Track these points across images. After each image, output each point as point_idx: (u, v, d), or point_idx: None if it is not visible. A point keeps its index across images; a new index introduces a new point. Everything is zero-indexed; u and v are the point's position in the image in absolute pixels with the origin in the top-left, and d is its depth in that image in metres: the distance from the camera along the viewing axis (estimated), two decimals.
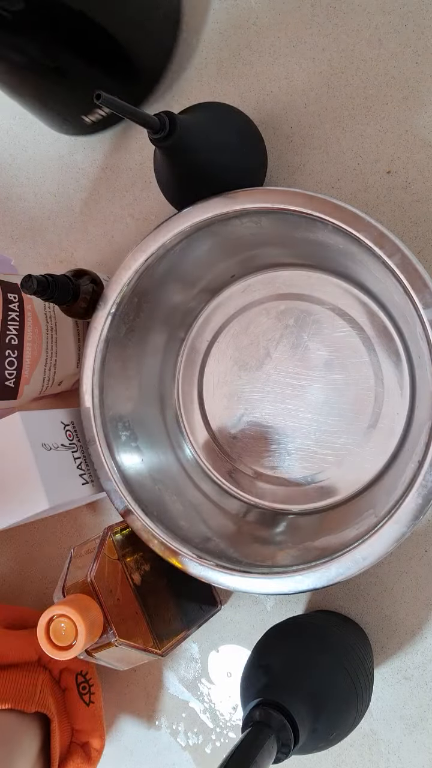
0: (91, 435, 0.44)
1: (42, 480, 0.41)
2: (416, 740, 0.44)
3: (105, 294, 0.45)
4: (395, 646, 0.45)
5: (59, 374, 0.47)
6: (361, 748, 0.46)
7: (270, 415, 0.48)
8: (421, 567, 0.44)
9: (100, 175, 0.54)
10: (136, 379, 0.48)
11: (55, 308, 0.46)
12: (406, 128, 0.45)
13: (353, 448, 0.45)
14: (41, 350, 0.45)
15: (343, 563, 0.37)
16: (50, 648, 0.37)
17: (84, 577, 0.40)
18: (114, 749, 0.53)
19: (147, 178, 0.53)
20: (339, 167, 0.47)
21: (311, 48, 0.47)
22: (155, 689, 0.52)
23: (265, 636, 0.41)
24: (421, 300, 0.35)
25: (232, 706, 0.50)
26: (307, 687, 0.35)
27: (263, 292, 0.48)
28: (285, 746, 0.30)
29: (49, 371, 0.46)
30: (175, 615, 0.45)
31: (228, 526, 0.47)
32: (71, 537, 0.55)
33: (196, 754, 0.51)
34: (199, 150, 0.39)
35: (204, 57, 0.51)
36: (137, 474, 0.45)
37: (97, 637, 0.39)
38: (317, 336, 0.46)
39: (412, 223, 0.45)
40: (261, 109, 0.49)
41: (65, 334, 0.48)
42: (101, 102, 0.31)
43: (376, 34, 0.46)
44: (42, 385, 0.46)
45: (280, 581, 0.38)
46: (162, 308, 0.48)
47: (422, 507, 0.35)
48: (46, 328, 0.45)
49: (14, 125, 0.57)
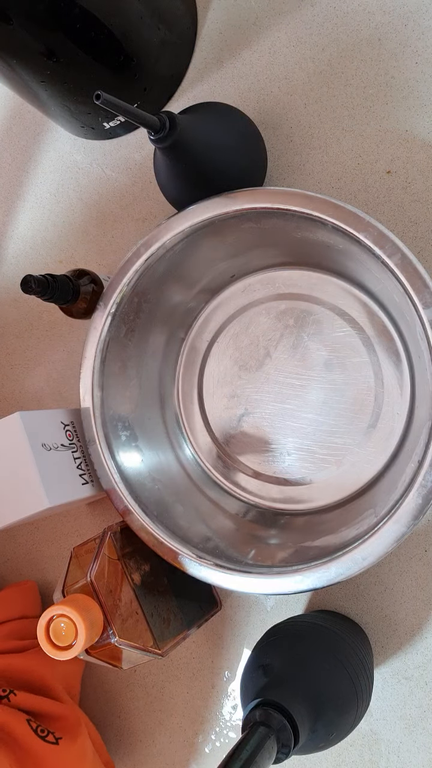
0: (91, 435, 0.44)
1: (42, 480, 0.41)
2: (416, 740, 0.44)
3: (105, 294, 0.45)
4: (395, 646, 0.45)
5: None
6: (361, 748, 0.46)
7: (270, 415, 0.48)
8: (421, 567, 0.44)
9: (100, 175, 0.54)
10: (136, 379, 0.48)
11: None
12: (406, 128, 0.45)
13: (353, 448, 0.45)
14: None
15: (343, 563, 0.37)
16: (50, 648, 0.37)
17: (84, 577, 0.40)
18: (114, 749, 0.53)
19: (147, 178, 0.53)
20: (339, 167, 0.47)
21: (311, 48, 0.47)
22: (155, 689, 0.52)
23: (265, 636, 0.41)
24: (420, 300, 0.35)
25: (232, 706, 0.50)
26: (307, 687, 0.35)
27: (263, 292, 0.48)
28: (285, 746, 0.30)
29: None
30: (175, 615, 0.45)
31: (228, 526, 0.47)
32: (71, 537, 0.55)
33: (195, 753, 0.51)
34: (199, 150, 0.39)
35: (204, 57, 0.51)
36: (137, 474, 0.45)
37: (97, 637, 0.39)
38: (317, 336, 0.46)
39: (412, 223, 0.45)
40: (261, 109, 0.49)
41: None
42: (101, 102, 0.31)
43: (376, 34, 0.46)
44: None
45: (280, 581, 0.38)
46: (162, 308, 0.48)
47: (422, 507, 0.35)
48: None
49: (14, 125, 0.57)
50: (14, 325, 0.57)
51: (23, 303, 0.57)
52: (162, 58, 0.48)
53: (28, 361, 0.57)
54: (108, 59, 0.45)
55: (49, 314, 0.56)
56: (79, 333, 0.55)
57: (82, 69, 0.45)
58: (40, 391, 0.56)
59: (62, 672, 0.48)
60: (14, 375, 0.57)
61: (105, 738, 0.53)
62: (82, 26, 0.42)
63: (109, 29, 0.43)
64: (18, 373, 0.57)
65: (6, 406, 0.58)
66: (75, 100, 0.48)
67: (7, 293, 0.58)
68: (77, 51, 0.43)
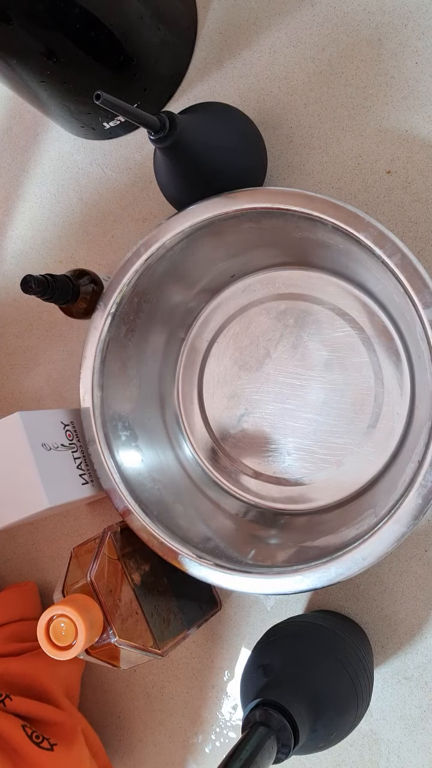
0: (91, 435, 0.44)
1: (42, 480, 0.41)
2: (416, 740, 0.44)
3: (105, 294, 0.45)
4: (395, 646, 0.45)
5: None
6: (361, 748, 0.46)
7: (270, 415, 0.48)
8: (421, 567, 0.44)
9: (100, 175, 0.54)
10: (136, 379, 0.48)
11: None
12: (406, 128, 0.45)
13: (353, 448, 0.45)
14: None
15: (343, 563, 0.37)
16: (50, 648, 0.37)
17: (84, 577, 0.40)
18: (114, 749, 0.53)
19: (147, 178, 0.53)
20: (339, 167, 0.47)
21: (311, 48, 0.47)
22: (155, 689, 0.52)
23: (265, 636, 0.41)
24: (420, 300, 0.35)
25: (232, 706, 0.50)
26: (307, 687, 0.35)
27: (263, 292, 0.48)
28: (285, 746, 0.30)
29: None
30: (175, 615, 0.45)
31: (228, 526, 0.47)
32: (71, 537, 0.55)
33: (195, 753, 0.51)
34: (199, 150, 0.39)
35: (204, 57, 0.51)
36: (137, 474, 0.45)
37: (97, 637, 0.39)
38: (317, 336, 0.46)
39: (412, 223, 0.45)
40: (261, 109, 0.49)
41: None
42: (101, 102, 0.31)
43: (376, 34, 0.46)
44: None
45: (280, 581, 0.38)
46: (162, 308, 0.48)
47: (422, 507, 0.35)
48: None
49: (14, 125, 0.57)
50: (14, 325, 0.57)
51: (23, 303, 0.57)
52: (162, 58, 0.48)
53: (28, 361, 0.57)
54: (108, 59, 0.45)
55: (49, 314, 0.56)
56: (79, 333, 0.55)
57: (82, 69, 0.45)
58: (40, 391, 0.56)
59: (62, 675, 0.48)
60: (14, 375, 0.57)
61: (105, 738, 0.53)
62: (82, 26, 0.42)
63: (109, 29, 0.43)
64: (18, 373, 0.57)
65: (6, 406, 0.58)
66: (75, 100, 0.48)
67: (7, 293, 0.58)
68: (77, 51, 0.43)
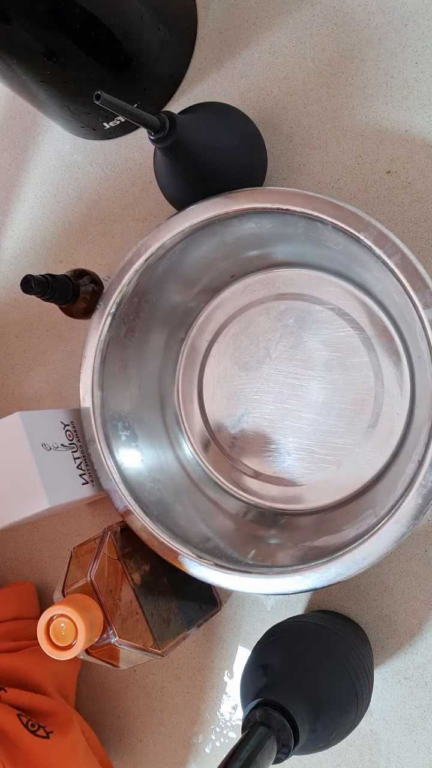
0: (91, 435, 0.44)
1: (42, 480, 0.41)
2: (416, 740, 0.44)
3: (105, 294, 0.45)
4: (395, 646, 0.45)
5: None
6: (361, 748, 0.46)
7: (270, 415, 0.48)
8: (421, 567, 0.44)
9: (100, 175, 0.54)
10: (136, 379, 0.48)
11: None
12: (406, 128, 0.45)
13: (353, 448, 0.45)
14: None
15: (343, 563, 0.37)
16: (50, 648, 0.37)
17: (84, 577, 0.40)
18: (114, 749, 0.53)
19: (147, 178, 0.53)
20: (339, 167, 0.47)
21: (311, 48, 0.47)
22: (155, 689, 0.52)
23: (265, 636, 0.41)
24: (420, 300, 0.35)
25: (232, 706, 0.50)
26: (307, 687, 0.35)
27: (263, 292, 0.48)
28: (285, 746, 0.30)
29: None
30: (175, 615, 0.45)
31: (228, 526, 0.47)
32: (71, 537, 0.55)
33: (195, 753, 0.51)
34: (199, 150, 0.39)
35: (204, 57, 0.51)
36: (137, 474, 0.45)
37: (97, 637, 0.39)
38: (317, 336, 0.46)
39: (412, 223, 0.45)
40: (261, 109, 0.49)
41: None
42: (101, 102, 0.31)
43: (376, 34, 0.46)
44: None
45: (280, 581, 0.38)
46: (162, 308, 0.48)
47: (422, 507, 0.35)
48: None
49: (14, 125, 0.57)
50: (14, 326, 0.57)
51: (23, 303, 0.57)
52: (162, 58, 0.48)
53: (28, 361, 0.57)
54: (108, 59, 0.45)
55: (49, 314, 0.56)
56: (79, 333, 0.55)
57: (82, 69, 0.45)
58: (40, 391, 0.56)
59: (53, 672, 0.48)
60: (14, 375, 0.57)
61: (104, 738, 0.53)
62: (82, 26, 0.42)
63: (109, 29, 0.43)
64: (18, 373, 0.57)
65: (6, 406, 0.58)
66: (75, 100, 0.48)
67: (7, 293, 0.58)
68: (77, 51, 0.43)
